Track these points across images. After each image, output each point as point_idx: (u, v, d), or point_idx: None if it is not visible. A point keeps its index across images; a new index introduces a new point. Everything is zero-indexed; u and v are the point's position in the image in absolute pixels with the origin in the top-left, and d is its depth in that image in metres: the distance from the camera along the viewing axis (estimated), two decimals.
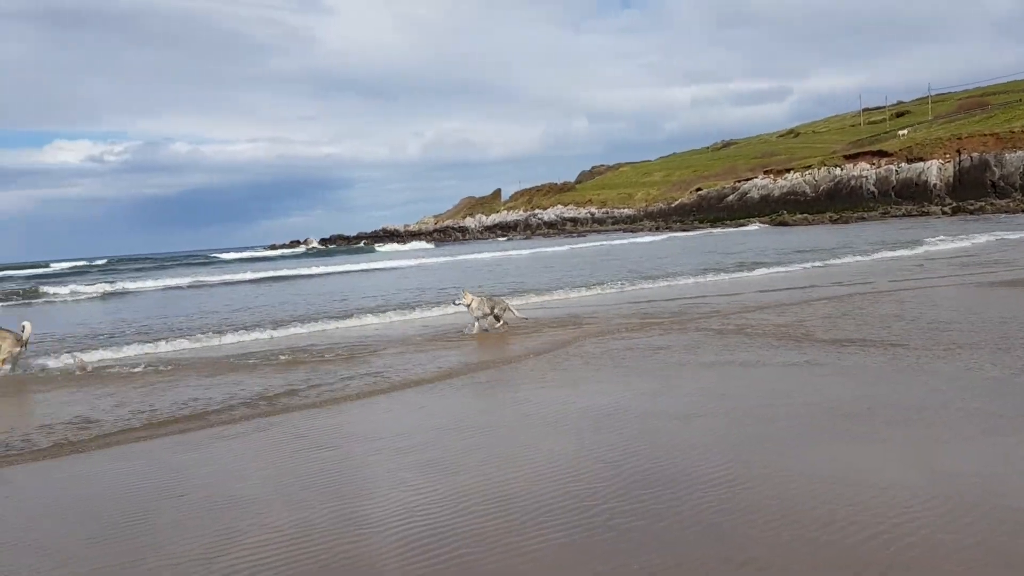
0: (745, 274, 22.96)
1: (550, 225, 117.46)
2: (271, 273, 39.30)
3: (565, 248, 56.58)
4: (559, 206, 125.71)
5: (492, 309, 13.67)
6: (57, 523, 5.59)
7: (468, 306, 13.63)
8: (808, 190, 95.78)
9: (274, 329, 15.31)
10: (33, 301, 30.69)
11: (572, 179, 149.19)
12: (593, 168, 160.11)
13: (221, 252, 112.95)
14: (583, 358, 10.76)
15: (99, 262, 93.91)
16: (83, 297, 30.97)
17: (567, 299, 18.99)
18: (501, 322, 13.73)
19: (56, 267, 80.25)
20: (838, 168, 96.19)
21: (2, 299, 31.18)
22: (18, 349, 11.57)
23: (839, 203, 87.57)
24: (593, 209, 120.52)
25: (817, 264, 24.69)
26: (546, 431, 7.23)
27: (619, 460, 6.16)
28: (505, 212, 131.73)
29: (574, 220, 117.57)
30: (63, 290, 33.12)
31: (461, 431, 7.43)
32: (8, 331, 11.69)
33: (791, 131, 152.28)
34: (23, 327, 11.87)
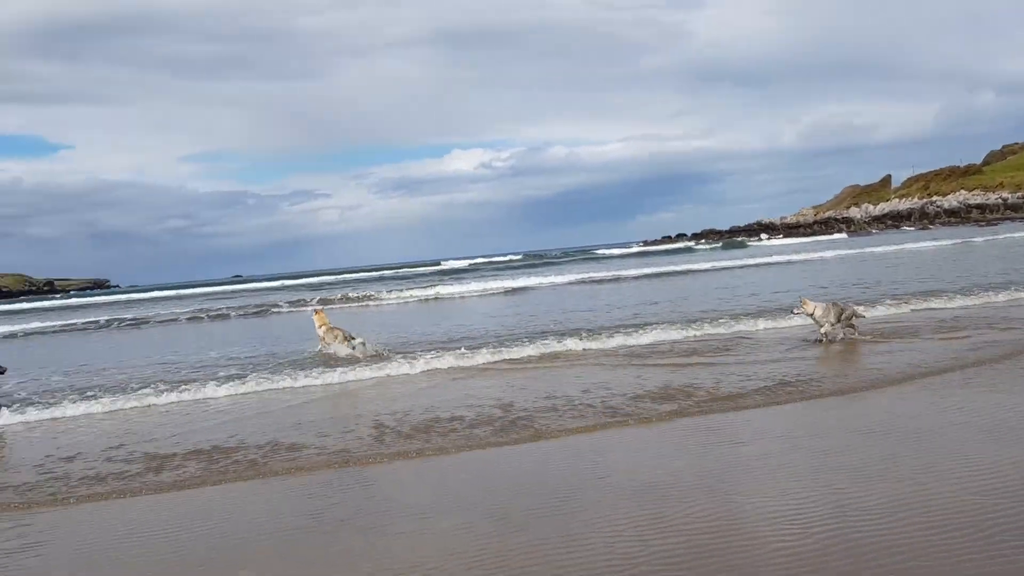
0: None
1: (951, 213, 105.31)
2: (657, 269, 39.95)
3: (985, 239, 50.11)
4: (962, 191, 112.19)
5: (840, 316, 12.50)
6: (504, 496, 6.25)
7: (811, 315, 12.71)
8: None
9: (685, 329, 14.89)
10: (433, 298, 34.48)
11: (978, 161, 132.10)
12: (1004, 147, 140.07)
13: (601, 248, 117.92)
14: None
15: (497, 259, 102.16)
16: (486, 293, 34.16)
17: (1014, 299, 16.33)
18: (854, 329, 12.57)
19: (447, 265, 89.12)
20: None
21: (415, 300, 35.46)
22: (343, 342, 14.10)
23: None
24: (1005, 194, 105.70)
25: None
26: (986, 440, 6.48)
27: None
28: (896, 200, 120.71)
29: (981, 207, 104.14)
30: (462, 288, 36.93)
31: (885, 436, 6.94)
32: (340, 330, 14.51)
33: None
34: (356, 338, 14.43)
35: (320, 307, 15.24)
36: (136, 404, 11.22)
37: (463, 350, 13.63)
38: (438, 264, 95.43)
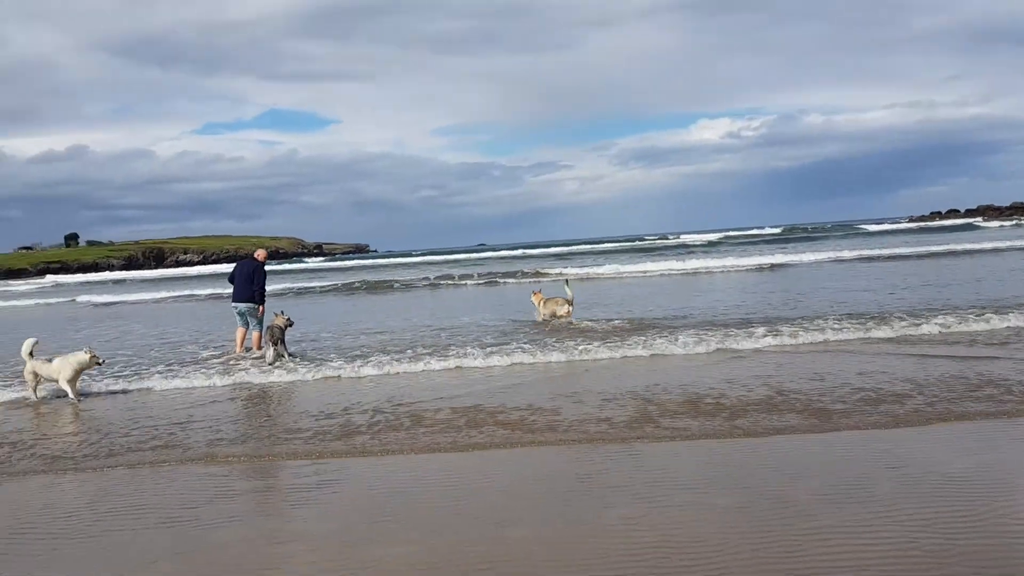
0: None
1: None
2: (938, 247, 36.51)
3: None
4: None
5: None
6: (784, 480, 6.06)
7: None
8: None
9: (986, 316, 13.40)
10: (685, 272, 33.75)
11: None
12: None
13: (862, 223, 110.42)
14: None
15: (752, 231, 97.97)
16: (742, 269, 32.99)
17: None
18: None
19: (693, 237, 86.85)
20: None
21: (669, 274, 35.01)
22: (568, 307, 16.00)
23: None
24: None
25: None
26: None
27: None
28: None
29: None
30: (717, 262, 36.02)
31: None
32: (556, 298, 16.34)
33: None
34: (567, 289, 16.63)
35: (538, 290, 17.26)
36: (401, 369, 11.91)
37: (732, 330, 13.36)
38: (680, 236, 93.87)
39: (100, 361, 11.27)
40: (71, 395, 10.86)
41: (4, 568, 5.11)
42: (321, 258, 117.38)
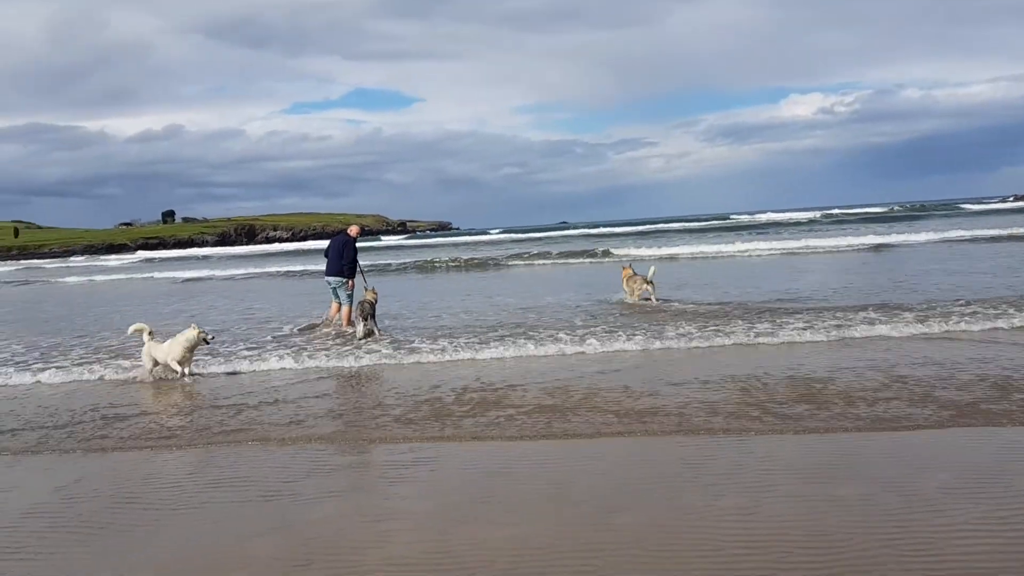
0: None
1: None
2: None
3: None
4: None
5: None
6: (909, 471, 5.81)
7: None
8: None
9: None
10: (782, 252, 32.83)
11: None
12: None
13: (963, 203, 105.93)
14: None
15: (854, 210, 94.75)
16: (842, 249, 32.13)
17: None
18: None
19: (784, 215, 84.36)
20: None
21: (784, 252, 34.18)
22: (647, 287, 16.14)
23: None
24: None
25: None
26: None
27: None
28: None
29: None
30: (819, 242, 35.05)
31: None
32: (640, 276, 16.51)
33: None
34: (651, 269, 16.73)
35: (627, 264, 17.75)
36: (487, 351, 11.69)
37: (840, 314, 12.94)
38: (767, 214, 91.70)
39: (208, 339, 11.26)
40: (179, 374, 10.91)
41: (111, 537, 5.26)
42: (403, 235, 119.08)
